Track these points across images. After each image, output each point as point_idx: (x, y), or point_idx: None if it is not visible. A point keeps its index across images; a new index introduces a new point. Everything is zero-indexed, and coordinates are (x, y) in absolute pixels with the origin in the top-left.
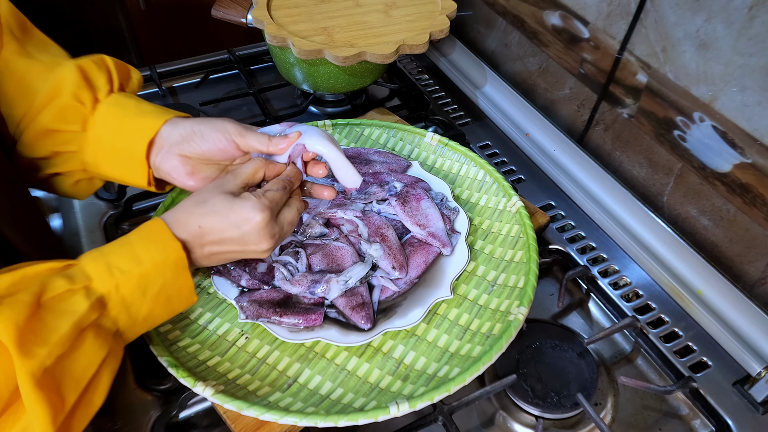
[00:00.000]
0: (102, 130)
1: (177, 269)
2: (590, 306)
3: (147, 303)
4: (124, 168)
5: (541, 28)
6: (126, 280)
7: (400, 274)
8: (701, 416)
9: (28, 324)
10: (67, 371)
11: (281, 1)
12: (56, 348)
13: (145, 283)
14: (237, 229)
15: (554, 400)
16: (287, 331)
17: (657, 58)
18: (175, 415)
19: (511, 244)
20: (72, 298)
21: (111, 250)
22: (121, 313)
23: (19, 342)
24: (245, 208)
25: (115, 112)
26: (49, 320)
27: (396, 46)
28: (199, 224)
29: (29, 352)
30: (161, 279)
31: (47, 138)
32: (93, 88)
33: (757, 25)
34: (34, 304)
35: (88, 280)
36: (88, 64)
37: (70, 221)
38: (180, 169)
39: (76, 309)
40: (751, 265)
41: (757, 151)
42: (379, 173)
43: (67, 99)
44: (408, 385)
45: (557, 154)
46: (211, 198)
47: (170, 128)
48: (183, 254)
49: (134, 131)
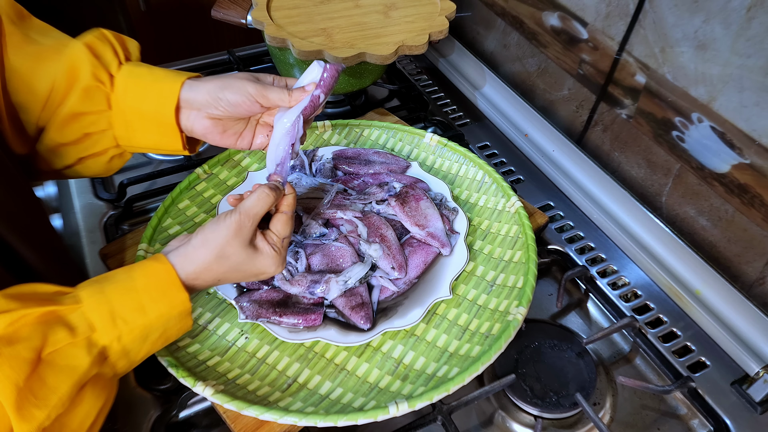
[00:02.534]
0: (125, 104)
1: (181, 317)
2: (589, 306)
3: (146, 347)
4: (158, 136)
5: (540, 29)
6: (129, 330)
7: (399, 274)
8: (699, 416)
9: (27, 384)
10: (65, 426)
11: (281, 2)
12: (55, 409)
13: (147, 332)
14: (254, 276)
15: (553, 400)
16: (287, 331)
17: (655, 58)
18: (175, 414)
19: (510, 244)
20: (74, 351)
21: (115, 296)
22: (120, 359)
23: (18, 404)
24: (266, 265)
25: (133, 83)
26: (49, 378)
27: (395, 47)
28: (219, 278)
29: (27, 416)
30: (164, 327)
31: (75, 122)
32: (105, 64)
33: (755, 26)
34: (35, 360)
35: (90, 330)
36: (94, 42)
37: (70, 221)
38: (212, 129)
39: (77, 365)
40: (749, 265)
41: (756, 152)
42: (378, 174)
43: (87, 80)
44: (407, 384)
45: (556, 155)
46: (233, 255)
47: (191, 91)
48: (189, 306)
49: (157, 98)
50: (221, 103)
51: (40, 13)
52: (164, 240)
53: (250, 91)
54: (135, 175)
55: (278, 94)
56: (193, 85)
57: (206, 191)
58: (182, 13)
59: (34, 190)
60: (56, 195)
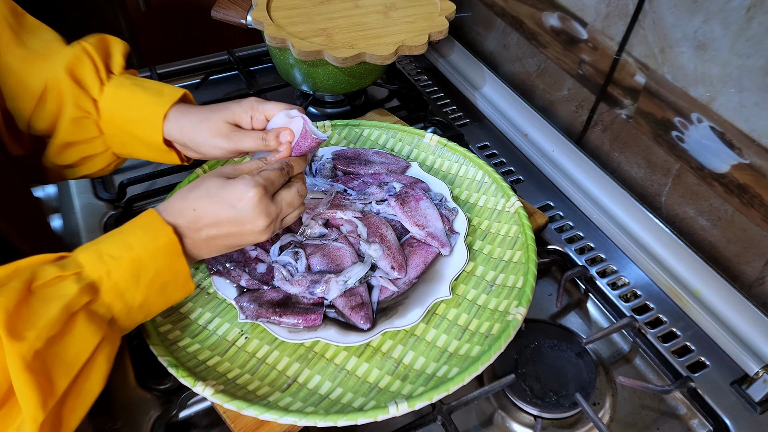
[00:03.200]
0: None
1: (170, 254)
2: (588, 306)
3: (141, 290)
4: (154, 154)
5: (540, 30)
6: (117, 265)
7: (399, 274)
8: (699, 416)
9: (17, 309)
10: (58, 356)
11: (281, 2)
12: (45, 330)
13: (137, 268)
14: (232, 208)
15: (553, 400)
16: (287, 331)
17: (655, 59)
18: (175, 414)
19: (509, 244)
20: (62, 283)
21: (102, 239)
22: (115, 300)
23: (9, 326)
24: (238, 187)
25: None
26: (38, 305)
27: (395, 47)
28: (194, 207)
29: (18, 335)
30: (154, 264)
31: (71, 149)
32: (87, 89)
33: (754, 26)
34: (25, 290)
35: (78, 267)
36: (73, 62)
37: (70, 221)
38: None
39: (65, 293)
40: (748, 265)
41: (755, 152)
42: (378, 174)
43: (71, 111)
44: (407, 384)
45: (556, 155)
46: (205, 181)
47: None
48: (175, 238)
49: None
50: (199, 154)
51: (40, 13)
52: None
53: (222, 146)
54: (135, 175)
55: (251, 145)
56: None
57: None
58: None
59: (32, 191)
60: (56, 195)
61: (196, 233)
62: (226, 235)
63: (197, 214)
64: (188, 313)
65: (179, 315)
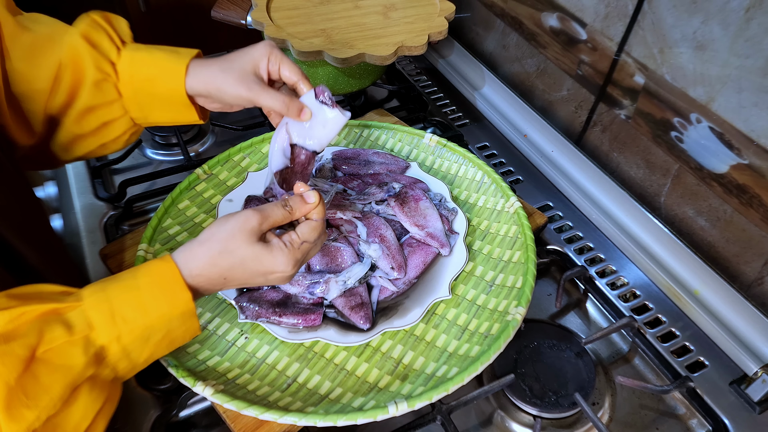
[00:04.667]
0: (134, 89)
1: (184, 318)
2: (588, 306)
3: (149, 349)
4: (173, 113)
5: (539, 30)
6: (129, 330)
7: (398, 274)
8: (698, 416)
9: (19, 382)
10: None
11: (281, 2)
12: (46, 410)
13: (149, 332)
14: (263, 277)
15: (552, 400)
16: (286, 331)
17: (654, 59)
18: (175, 414)
19: (509, 244)
20: (69, 350)
21: (116, 294)
22: (121, 361)
23: (8, 404)
24: (277, 263)
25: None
26: (42, 377)
27: (395, 48)
28: (225, 276)
29: (17, 416)
30: (166, 328)
31: (91, 114)
32: (105, 54)
33: (753, 26)
34: (29, 358)
35: (88, 328)
36: (89, 31)
37: (71, 221)
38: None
39: (72, 364)
40: (747, 265)
41: (754, 152)
42: (377, 174)
43: (93, 74)
44: (407, 384)
45: (555, 155)
46: (238, 249)
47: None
48: (192, 306)
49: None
50: (219, 101)
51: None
52: (164, 240)
53: (242, 96)
54: (135, 175)
55: (272, 101)
56: (192, 83)
57: (206, 191)
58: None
59: (34, 191)
60: (56, 195)
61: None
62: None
63: (227, 282)
64: None
65: None
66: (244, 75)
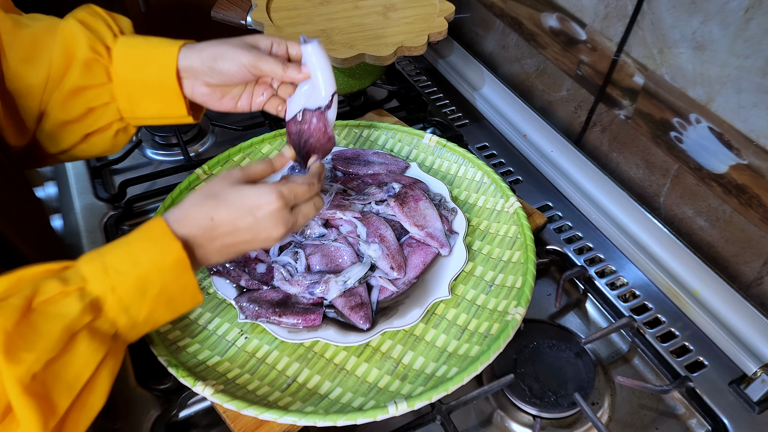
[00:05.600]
0: (126, 74)
1: (177, 269)
2: (587, 306)
3: (147, 304)
4: (161, 104)
5: (539, 30)
6: (122, 281)
7: (398, 274)
8: (697, 415)
9: (17, 328)
10: (59, 376)
11: (281, 3)
12: (44, 353)
13: (143, 284)
14: (251, 215)
15: (551, 400)
16: (286, 331)
17: (654, 59)
18: (175, 414)
19: (508, 244)
20: (64, 300)
21: (108, 251)
22: (119, 315)
23: (6, 348)
24: (260, 194)
25: (131, 53)
26: (39, 324)
27: (394, 48)
28: (211, 216)
29: (16, 358)
30: (161, 280)
31: (78, 97)
32: (100, 37)
33: (753, 27)
34: (25, 308)
35: (82, 281)
36: (86, 17)
37: (71, 221)
38: (211, 95)
39: (67, 312)
40: (747, 265)
41: (753, 153)
42: (377, 174)
43: (85, 53)
44: (406, 384)
45: (555, 156)
46: (222, 190)
47: (186, 58)
48: (183, 255)
49: (157, 66)
50: (215, 73)
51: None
52: None
53: (243, 62)
54: (135, 175)
55: (272, 66)
56: (188, 54)
57: None
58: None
59: (34, 191)
60: (56, 195)
61: (210, 242)
62: (240, 242)
63: (214, 222)
64: (188, 313)
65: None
66: (243, 44)
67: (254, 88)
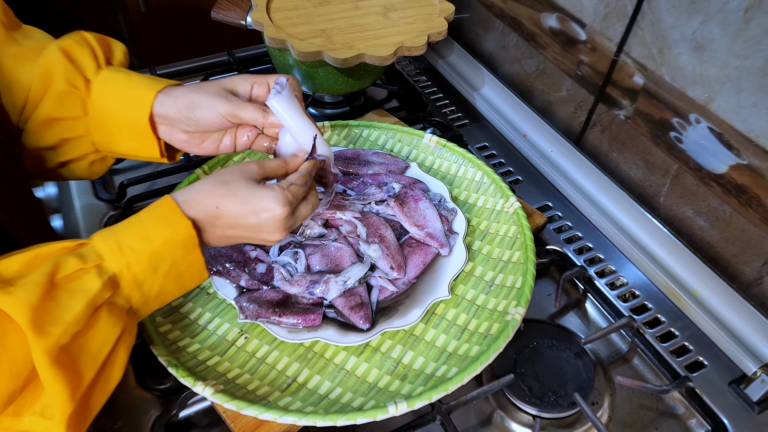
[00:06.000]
0: (102, 109)
1: (187, 247)
2: (587, 306)
3: (158, 280)
4: (135, 142)
5: (539, 31)
6: (137, 258)
7: (398, 274)
8: (697, 415)
9: (41, 304)
10: (84, 349)
11: (280, 3)
12: (71, 326)
13: (155, 261)
14: (255, 216)
15: (551, 400)
16: (286, 331)
17: (653, 60)
18: (175, 414)
19: (508, 244)
20: (85, 277)
21: (121, 230)
22: (133, 291)
23: (34, 321)
24: (268, 198)
25: (109, 88)
26: (63, 299)
27: (394, 48)
28: (218, 205)
29: (44, 331)
30: (172, 257)
31: (51, 127)
32: (80, 68)
33: (752, 27)
34: (48, 283)
35: (99, 259)
36: (71, 45)
37: (71, 222)
38: (190, 141)
39: (89, 288)
40: (746, 265)
41: (753, 153)
42: (377, 174)
43: (60, 85)
44: (406, 384)
45: (554, 156)
46: (234, 181)
47: (162, 106)
48: (193, 232)
49: (132, 106)
50: (192, 122)
51: (39, 14)
52: None
53: (220, 111)
54: (135, 175)
55: (251, 114)
56: (164, 101)
57: None
58: (182, 15)
59: (33, 191)
60: (56, 195)
61: (213, 229)
62: (239, 236)
63: (219, 212)
64: (188, 313)
65: (179, 315)
66: (220, 91)
67: (237, 131)
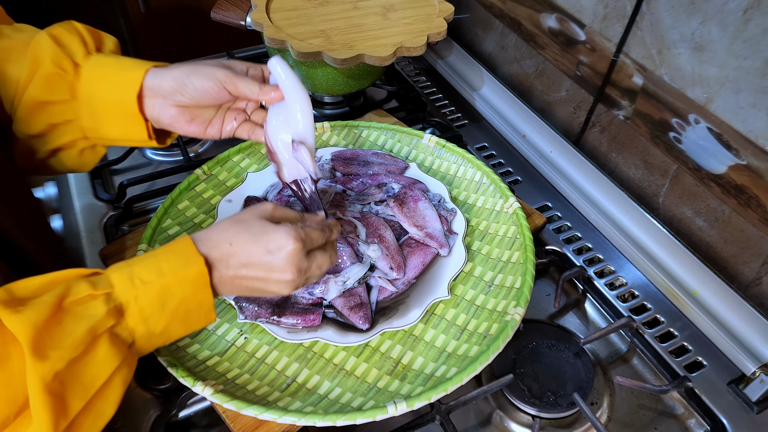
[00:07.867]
0: (90, 93)
1: (197, 284)
2: (586, 306)
3: (165, 316)
4: (123, 126)
5: (538, 31)
6: (146, 291)
7: (397, 274)
8: (696, 415)
9: (46, 325)
10: (77, 377)
11: (280, 3)
12: (68, 351)
13: (164, 295)
14: (267, 253)
15: (551, 400)
16: (286, 331)
17: (653, 60)
18: (175, 414)
19: (508, 245)
20: (91, 302)
21: (136, 262)
22: (138, 325)
23: (35, 343)
24: (279, 235)
25: (98, 72)
26: (66, 323)
27: (394, 49)
28: (231, 241)
29: (43, 354)
30: (181, 293)
31: (40, 111)
32: (69, 53)
33: (751, 27)
34: (56, 305)
35: (110, 287)
36: (60, 32)
37: (71, 222)
38: (179, 117)
39: (93, 313)
40: (745, 265)
41: (752, 153)
42: (377, 174)
43: (48, 68)
44: (406, 384)
45: (554, 156)
46: (248, 220)
47: (156, 78)
48: (205, 269)
49: (120, 86)
50: (188, 89)
51: (39, 15)
52: (164, 240)
53: (218, 77)
54: (135, 176)
55: (248, 86)
56: (159, 72)
57: (205, 192)
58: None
59: (32, 192)
60: (56, 195)
61: (225, 269)
62: (252, 278)
63: (232, 249)
64: None
65: None
66: (218, 62)
67: (225, 115)
